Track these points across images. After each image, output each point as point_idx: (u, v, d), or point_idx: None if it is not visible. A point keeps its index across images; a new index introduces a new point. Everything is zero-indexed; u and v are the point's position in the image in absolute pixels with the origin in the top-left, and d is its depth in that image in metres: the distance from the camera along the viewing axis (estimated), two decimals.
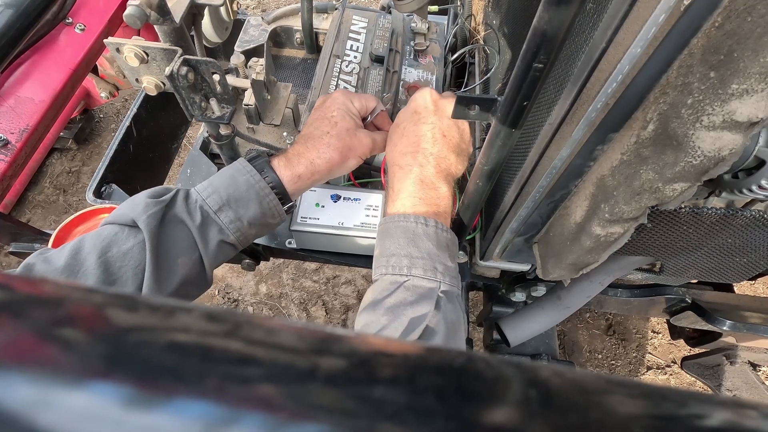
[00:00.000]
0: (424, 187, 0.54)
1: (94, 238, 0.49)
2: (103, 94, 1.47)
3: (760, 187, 0.40)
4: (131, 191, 0.89)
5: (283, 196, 0.57)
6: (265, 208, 0.56)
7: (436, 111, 0.58)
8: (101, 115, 1.98)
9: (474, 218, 0.60)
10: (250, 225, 0.55)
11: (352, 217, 0.72)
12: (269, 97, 0.68)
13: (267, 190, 0.55)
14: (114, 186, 0.88)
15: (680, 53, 0.32)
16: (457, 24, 0.95)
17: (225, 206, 0.54)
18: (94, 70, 1.38)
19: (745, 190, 0.41)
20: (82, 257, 0.48)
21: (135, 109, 0.96)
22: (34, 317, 0.14)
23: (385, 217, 0.55)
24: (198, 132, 0.96)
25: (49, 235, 0.78)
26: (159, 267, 0.50)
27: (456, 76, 0.98)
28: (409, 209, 0.53)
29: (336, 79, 0.81)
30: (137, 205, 0.51)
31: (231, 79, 0.61)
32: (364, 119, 0.65)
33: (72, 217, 0.79)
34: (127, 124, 0.94)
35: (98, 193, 0.85)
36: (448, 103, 0.58)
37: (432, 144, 0.56)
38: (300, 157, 0.58)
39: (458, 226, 0.63)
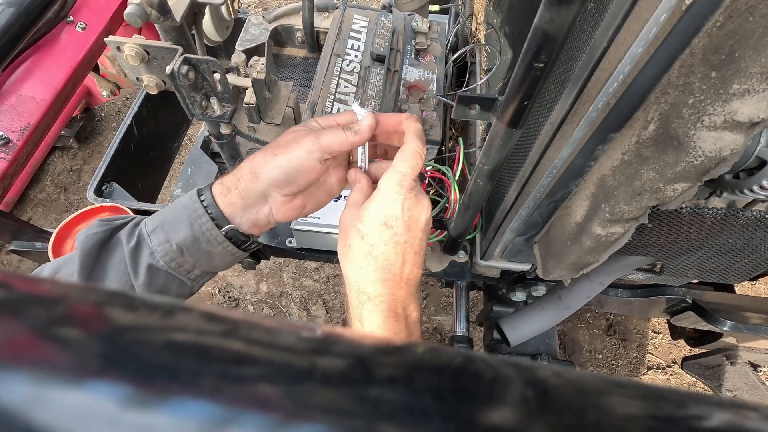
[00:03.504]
0: (398, 321, 0.47)
1: (58, 259, 0.50)
2: (104, 93, 1.48)
3: (761, 187, 0.39)
4: (132, 190, 0.89)
5: (216, 216, 0.50)
6: (197, 231, 0.50)
7: (410, 226, 0.48)
8: (102, 114, 1.98)
9: (474, 218, 0.60)
10: (179, 249, 0.50)
11: None
12: (270, 96, 0.68)
13: (200, 211, 0.50)
14: (115, 185, 0.88)
15: (681, 53, 0.32)
16: (458, 23, 0.95)
17: (158, 228, 0.50)
18: (96, 69, 1.38)
19: (746, 191, 0.41)
20: (41, 277, 0.49)
21: (136, 108, 0.96)
22: (31, 315, 0.14)
23: None
24: (199, 131, 0.97)
25: (50, 234, 0.78)
26: None
27: (457, 76, 0.98)
28: None
29: (337, 78, 0.81)
30: (87, 228, 0.50)
31: (232, 78, 0.61)
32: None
33: (73, 215, 0.79)
34: (128, 122, 0.94)
35: (99, 192, 0.85)
36: (422, 210, 0.49)
37: (403, 267, 0.48)
38: (234, 173, 0.51)
39: (458, 226, 0.63)
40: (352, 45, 0.86)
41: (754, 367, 1.05)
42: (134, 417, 0.12)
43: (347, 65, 0.83)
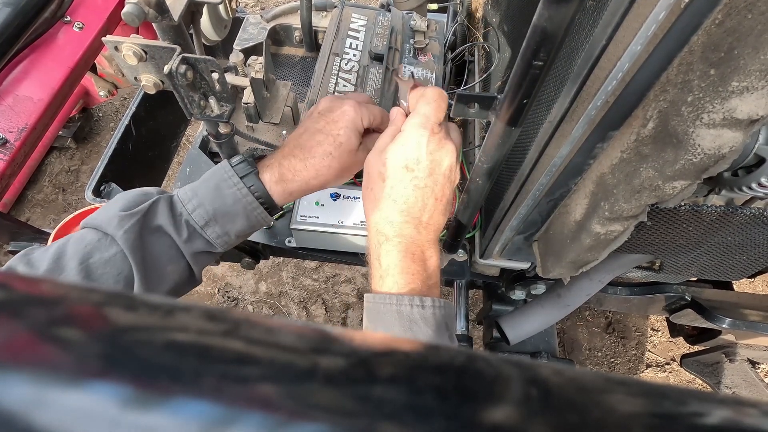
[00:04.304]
0: (415, 262, 0.48)
1: (77, 243, 0.49)
2: (101, 93, 1.47)
3: (760, 184, 0.40)
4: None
5: (271, 207, 0.55)
6: (253, 221, 0.54)
7: (432, 170, 0.48)
8: (100, 114, 1.97)
9: (474, 216, 0.60)
10: (237, 237, 0.55)
11: (352, 216, 0.72)
12: (268, 96, 0.68)
13: (255, 204, 0.53)
14: (113, 185, 0.87)
15: (680, 51, 0.32)
16: (456, 22, 0.95)
17: (212, 221, 0.53)
18: (93, 69, 1.37)
19: (744, 188, 0.41)
20: (64, 262, 0.48)
21: (134, 108, 0.96)
22: (31, 316, 0.14)
23: (373, 294, 0.48)
24: (197, 130, 0.96)
25: (48, 234, 0.78)
26: (148, 278, 0.50)
27: (456, 74, 0.98)
28: (402, 288, 0.46)
29: (335, 78, 0.81)
30: (111, 219, 0.50)
31: (230, 78, 0.61)
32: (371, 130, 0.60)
33: (71, 216, 0.79)
34: (126, 122, 0.94)
35: (97, 192, 0.85)
36: (445, 155, 0.48)
37: (423, 211, 0.48)
38: (295, 174, 0.55)
39: (458, 225, 0.63)
40: (351, 44, 0.86)
41: (753, 364, 1.06)
42: (135, 418, 0.12)
43: (346, 64, 0.83)
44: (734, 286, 0.93)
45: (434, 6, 1.03)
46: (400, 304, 0.45)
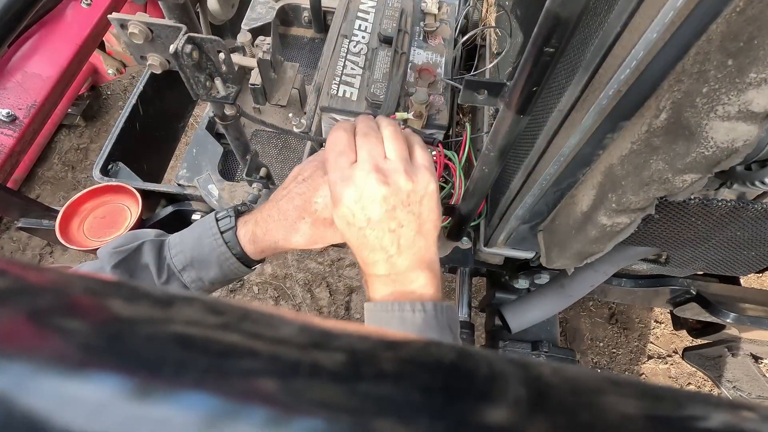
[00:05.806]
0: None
1: (89, 266, 0.58)
2: (110, 71, 1.47)
3: None
4: (137, 169, 0.89)
5: (246, 261, 0.60)
6: (226, 271, 0.59)
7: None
8: (109, 92, 1.97)
9: (479, 205, 0.60)
10: (211, 284, 0.60)
11: None
12: (276, 77, 0.67)
13: (228, 255, 0.58)
14: (121, 164, 0.88)
15: (698, 39, 0.30)
16: (468, 5, 0.93)
17: (189, 266, 0.58)
18: (102, 47, 1.37)
19: (757, 183, 0.40)
20: None
21: (141, 87, 0.96)
22: (34, 305, 0.14)
23: (373, 302, 0.49)
24: (205, 111, 0.96)
25: (57, 211, 0.79)
26: None
27: (466, 59, 0.96)
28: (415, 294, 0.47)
29: (343, 60, 0.79)
30: (106, 254, 0.57)
31: (237, 58, 0.61)
32: None
33: (79, 194, 0.80)
34: (134, 101, 0.93)
35: (105, 171, 0.85)
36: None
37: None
38: (267, 234, 0.58)
39: (463, 213, 0.62)
40: (360, 26, 0.84)
41: (756, 358, 1.05)
42: (138, 409, 0.12)
43: (354, 46, 0.81)
44: (741, 281, 0.92)
45: None
46: (402, 310, 0.46)
